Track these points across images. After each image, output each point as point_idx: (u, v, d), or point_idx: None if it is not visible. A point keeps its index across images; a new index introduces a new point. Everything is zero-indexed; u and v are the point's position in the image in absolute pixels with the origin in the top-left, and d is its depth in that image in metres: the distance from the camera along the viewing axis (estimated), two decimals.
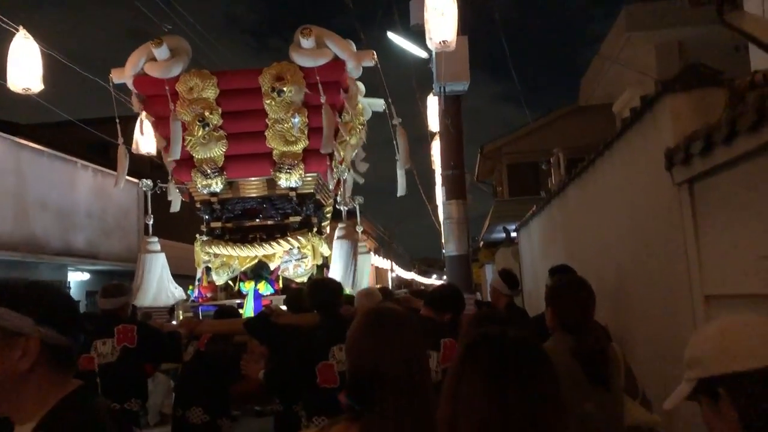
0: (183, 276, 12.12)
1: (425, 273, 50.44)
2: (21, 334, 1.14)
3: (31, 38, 4.70)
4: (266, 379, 3.14)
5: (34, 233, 10.00)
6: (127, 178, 13.04)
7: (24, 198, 9.82)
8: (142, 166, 16.56)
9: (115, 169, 5.56)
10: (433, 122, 9.37)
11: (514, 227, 11.21)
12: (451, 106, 6.99)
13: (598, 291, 3.93)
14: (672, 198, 3.01)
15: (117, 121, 5.46)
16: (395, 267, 34.90)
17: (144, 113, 5.48)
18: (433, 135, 11.56)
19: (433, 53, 6.94)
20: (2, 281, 1.27)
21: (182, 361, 3.95)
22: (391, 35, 10.27)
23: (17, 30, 4.75)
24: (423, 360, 1.34)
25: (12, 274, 9.46)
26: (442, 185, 7.47)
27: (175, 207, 5.65)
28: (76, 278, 11.81)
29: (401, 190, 6.05)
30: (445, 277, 10.37)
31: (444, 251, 8.41)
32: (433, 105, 9.35)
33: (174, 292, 5.47)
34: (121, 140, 5.49)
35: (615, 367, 2.21)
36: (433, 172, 12.77)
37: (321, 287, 3.40)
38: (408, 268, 43.82)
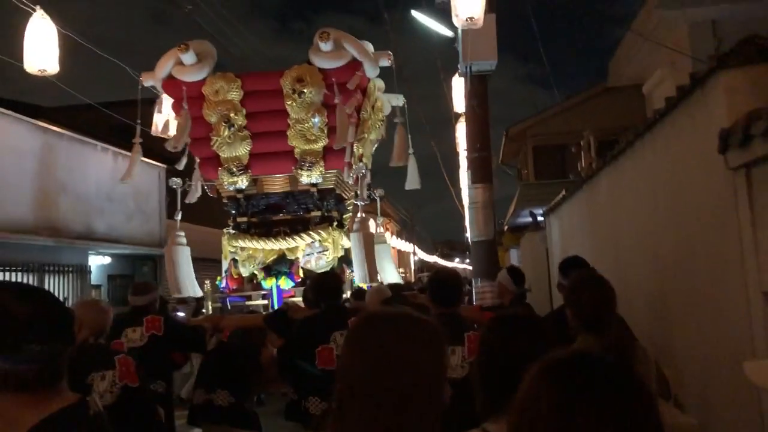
0: (204, 259, 13.00)
1: (448, 256, 51.20)
2: None
3: (48, 18, 4.80)
4: (279, 360, 3.70)
5: (54, 217, 10.18)
6: (149, 161, 12.92)
7: (44, 181, 9.97)
8: (162, 149, 17.33)
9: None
10: (458, 103, 9.81)
11: (541, 212, 11.20)
12: (477, 87, 7.04)
13: (630, 285, 3.52)
14: (725, 184, 2.83)
15: (138, 123, 5.93)
16: (417, 250, 35.87)
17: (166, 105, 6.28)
18: (458, 117, 11.36)
19: (459, 31, 6.98)
20: None
21: (205, 351, 4.38)
22: (415, 14, 10.08)
23: (34, 10, 4.84)
24: (408, 365, 1.19)
25: (32, 258, 9.72)
26: (468, 168, 7.57)
27: (192, 198, 6.11)
28: (98, 262, 12.17)
29: (411, 184, 6.77)
30: (468, 261, 11.04)
31: (467, 235, 8.97)
32: (458, 86, 9.75)
33: (195, 287, 5.90)
34: (137, 140, 6.02)
35: (644, 368, 2.11)
36: (457, 154, 12.70)
37: (321, 281, 3.95)
38: (431, 252, 44.70)
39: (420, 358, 1.19)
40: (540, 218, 11.96)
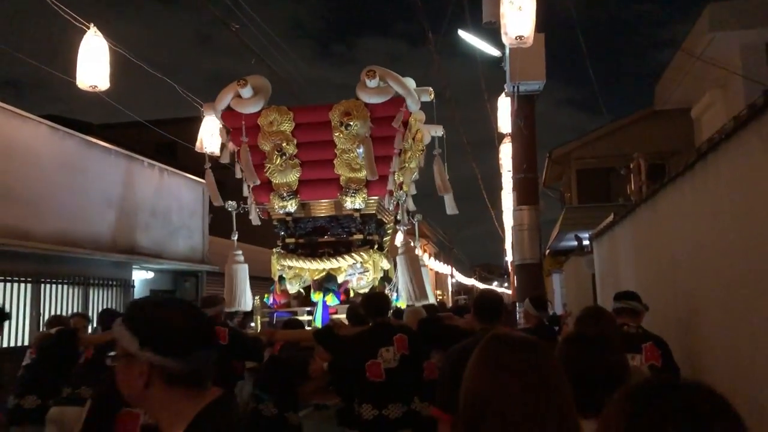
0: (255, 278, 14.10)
1: (486, 279, 53.84)
2: (132, 354, 1.39)
3: (101, 36, 5.34)
4: (330, 372, 4.32)
5: (100, 231, 10.93)
6: (193, 177, 14.38)
7: (90, 195, 10.71)
8: (168, 141, 18.53)
9: (181, 169, 7.54)
10: (504, 124, 9.78)
11: (586, 235, 11.43)
12: (525, 107, 7.44)
13: (688, 313, 3.79)
14: None
15: (206, 152, 7.15)
16: (455, 272, 37.06)
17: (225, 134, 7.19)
18: (502, 137, 11.84)
19: (507, 50, 7.43)
20: (138, 299, 1.60)
21: (262, 361, 5.08)
22: (462, 34, 10.49)
23: (88, 28, 5.37)
24: (548, 389, 1.32)
25: (78, 271, 10.42)
26: (513, 190, 8.00)
27: (255, 221, 7.10)
28: (141, 276, 12.88)
29: (449, 209, 7.32)
30: (506, 285, 11.79)
31: (507, 258, 9.68)
32: (503, 106, 9.84)
33: (248, 303, 6.82)
34: (208, 165, 7.22)
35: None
36: (499, 176, 13.40)
37: (371, 300, 4.63)
38: (468, 274, 46.10)
39: (558, 382, 1.33)
40: (585, 242, 12.80)
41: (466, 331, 3.98)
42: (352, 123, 6.51)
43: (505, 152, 11.19)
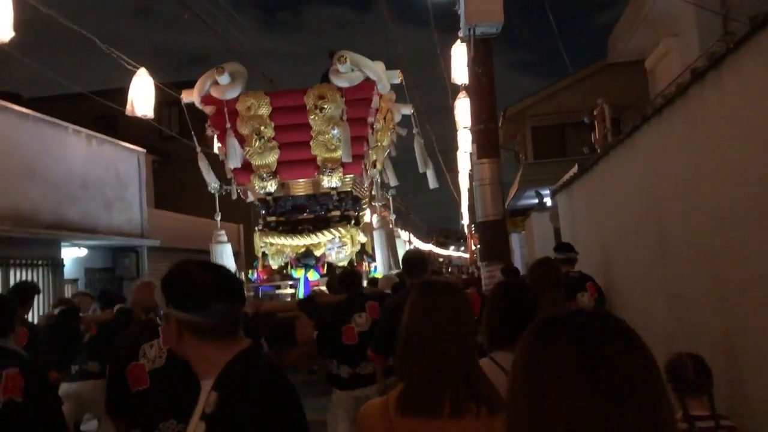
0: (190, 250, 14.99)
1: (443, 244, 58.22)
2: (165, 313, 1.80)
3: None
4: (317, 339, 5.43)
5: (18, 205, 10.72)
6: (127, 145, 14.81)
7: (6, 166, 10.51)
8: (149, 136, 19.69)
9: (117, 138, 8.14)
10: (459, 75, 9.68)
11: (547, 192, 12.66)
12: (483, 52, 7.54)
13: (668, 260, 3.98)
14: None
15: (196, 143, 8.29)
16: (413, 238, 40.52)
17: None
18: (458, 91, 11.48)
19: None
20: (176, 263, 1.95)
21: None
22: None
23: None
24: (465, 318, 2.05)
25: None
26: (473, 142, 8.15)
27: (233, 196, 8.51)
28: (72, 254, 12.86)
29: (432, 184, 9.01)
30: (462, 249, 13.33)
31: (463, 222, 11.27)
32: (459, 55, 9.63)
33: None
34: (199, 149, 8.39)
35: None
36: (454, 136, 13.28)
37: (346, 275, 5.83)
38: (426, 240, 48.45)
39: (468, 311, 2.07)
40: (546, 199, 13.41)
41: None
42: (326, 106, 7.97)
43: (461, 108, 11.20)
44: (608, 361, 1.00)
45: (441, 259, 44.11)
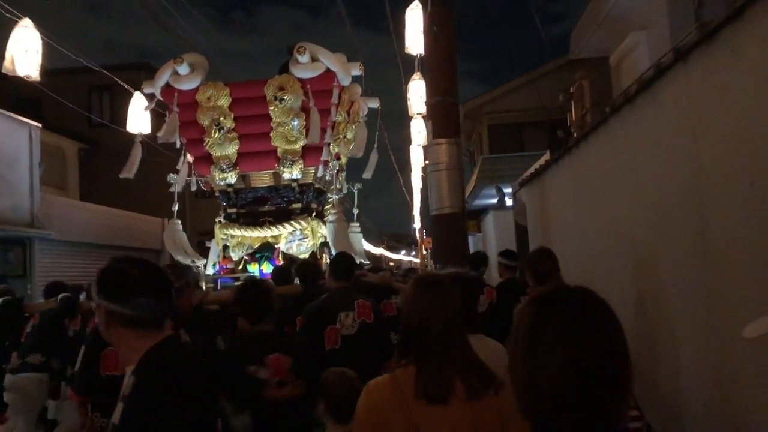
0: (123, 248, 14.84)
1: (394, 248, 59.95)
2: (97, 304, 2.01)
3: None
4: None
5: None
6: (13, 116, 12.68)
7: None
8: (77, 122, 19.42)
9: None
10: (414, 43, 8.75)
11: (508, 190, 12.57)
12: (440, 11, 7.15)
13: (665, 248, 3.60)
14: None
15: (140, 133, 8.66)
16: (364, 242, 40.98)
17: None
18: (413, 64, 9.95)
19: None
20: (115, 258, 2.19)
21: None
22: None
23: None
24: (457, 310, 2.29)
25: None
26: (428, 119, 7.60)
27: (192, 188, 8.77)
28: None
29: (367, 173, 9.38)
30: (413, 254, 13.03)
31: (414, 225, 10.69)
32: (414, 20, 8.78)
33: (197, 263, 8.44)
34: (139, 138, 8.59)
35: None
36: (407, 115, 11.14)
37: (306, 266, 5.94)
38: (377, 244, 49.64)
39: (455, 305, 2.32)
40: (507, 196, 13.36)
41: (376, 286, 5.51)
42: (285, 97, 8.12)
43: (415, 91, 9.91)
44: (588, 324, 1.35)
45: (392, 263, 45.87)
